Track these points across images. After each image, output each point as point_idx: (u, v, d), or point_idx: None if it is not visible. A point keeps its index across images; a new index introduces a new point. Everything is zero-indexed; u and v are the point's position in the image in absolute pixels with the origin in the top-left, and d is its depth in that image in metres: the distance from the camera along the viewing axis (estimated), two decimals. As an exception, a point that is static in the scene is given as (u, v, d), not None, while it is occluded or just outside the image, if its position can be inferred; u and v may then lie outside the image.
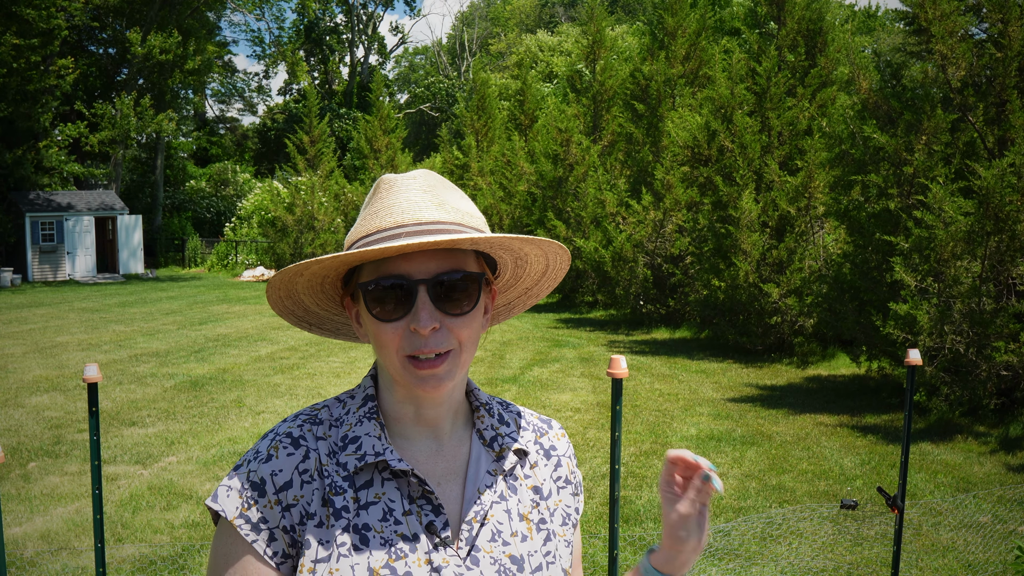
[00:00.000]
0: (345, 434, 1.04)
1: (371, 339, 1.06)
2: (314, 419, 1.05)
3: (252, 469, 1.00)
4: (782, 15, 12.62)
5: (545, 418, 1.21)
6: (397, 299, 1.00)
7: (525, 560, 1.05)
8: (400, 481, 1.02)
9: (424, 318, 0.99)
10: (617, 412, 2.89)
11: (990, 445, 7.26)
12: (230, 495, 0.99)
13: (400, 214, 1.02)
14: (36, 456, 6.82)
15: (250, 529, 0.98)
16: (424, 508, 1.02)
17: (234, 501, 0.99)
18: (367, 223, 1.04)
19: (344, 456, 1.02)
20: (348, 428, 1.04)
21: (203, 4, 34.40)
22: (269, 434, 1.04)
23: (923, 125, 8.41)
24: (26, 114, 25.05)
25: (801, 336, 11.75)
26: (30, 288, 24.18)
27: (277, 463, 1.00)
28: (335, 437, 1.04)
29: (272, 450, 1.01)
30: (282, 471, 0.99)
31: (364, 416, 1.05)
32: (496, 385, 9.80)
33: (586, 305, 17.96)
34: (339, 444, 1.03)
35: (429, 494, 1.02)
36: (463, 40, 53.97)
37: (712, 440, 7.40)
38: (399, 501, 1.02)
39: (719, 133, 12.51)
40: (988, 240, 7.69)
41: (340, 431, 1.04)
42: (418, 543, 1.00)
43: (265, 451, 1.01)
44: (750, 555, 4.78)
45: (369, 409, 1.05)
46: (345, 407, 1.07)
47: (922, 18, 8.30)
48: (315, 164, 25.09)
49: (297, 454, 1.01)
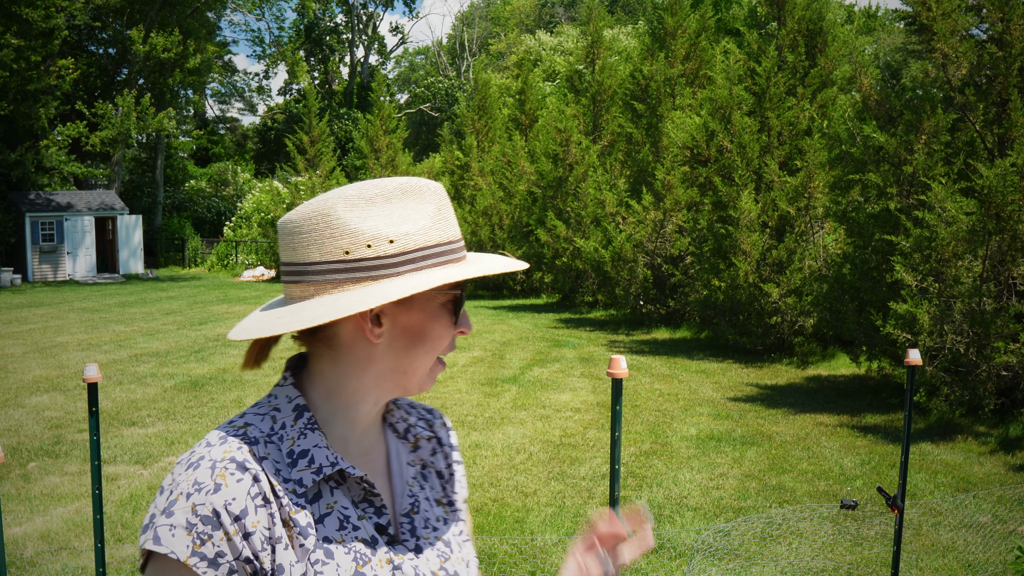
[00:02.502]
0: (291, 449, 1.00)
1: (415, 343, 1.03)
2: (247, 438, 0.98)
3: (199, 502, 0.92)
4: (782, 15, 12.62)
5: (428, 406, 1.25)
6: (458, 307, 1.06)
7: (452, 541, 1.11)
8: (345, 487, 1.03)
9: (469, 322, 1.08)
10: (617, 412, 2.89)
11: (990, 445, 7.26)
12: (175, 534, 0.91)
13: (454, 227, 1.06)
14: (36, 456, 6.82)
15: (207, 566, 0.91)
16: (368, 511, 1.03)
17: (182, 540, 0.91)
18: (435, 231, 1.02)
19: (296, 472, 0.98)
20: (291, 443, 1.00)
21: (203, 4, 34.40)
22: (202, 461, 0.95)
23: (923, 125, 8.41)
24: (26, 114, 25.06)
25: (801, 336, 11.75)
26: (30, 288, 24.17)
27: (228, 492, 0.93)
28: (276, 454, 0.99)
29: (219, 478, 0.93)
30: (235, 499, 0.93)
31: (305, 428, 1.01)
32: (496, 385, 9.80)
33: (586, 305, 17.96)
34: (286, 460, 0.99)
35: (372, 496, 1.04)
36: (463, 40, 53.97)
37: (712, 440, 7.40)
38: (351, 508, 1.02)
39: (718, 133, 12.51)
40: (989, 240, 7.68)
41: (282, 446, 0.99)
42: (377, 545, 1.02)
43: (211, 481, 0.93)
44: (750, 555, 4.78)
45: (308, 420, 1.02)
46: (276, 420, 1.02)
47: (924, 16, 8.30)
48: (315, 164, 25.09)
49: (246, 478, 0.95)
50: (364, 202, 0.99)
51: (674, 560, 4.74)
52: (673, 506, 5.68)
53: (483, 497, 5.86)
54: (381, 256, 0.98)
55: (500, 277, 21.03)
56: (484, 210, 20.66)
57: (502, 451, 7.03)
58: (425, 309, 1.02)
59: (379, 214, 0.99)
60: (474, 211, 20.94)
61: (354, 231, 0.98)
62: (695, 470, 6.51)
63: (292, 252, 1.01)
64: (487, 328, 14.96)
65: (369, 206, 0.99)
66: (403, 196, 1.01)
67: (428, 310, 1.03)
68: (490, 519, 5.42)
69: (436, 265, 1.00)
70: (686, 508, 5.64)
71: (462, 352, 12.17)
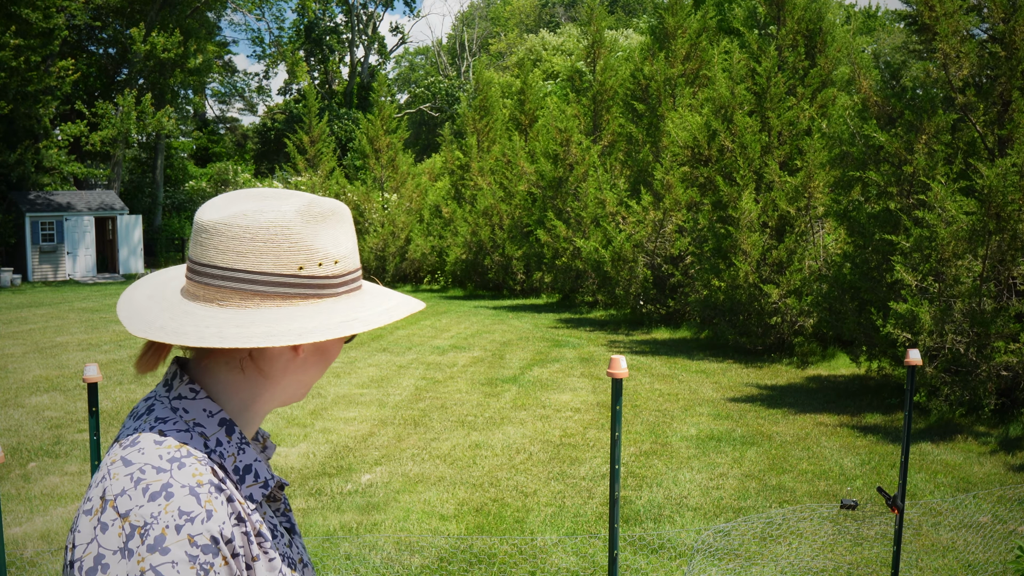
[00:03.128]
0: (235, 466, 0.99)
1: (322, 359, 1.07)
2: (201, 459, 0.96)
3: (195, 533, 0.89)
4: (782, 15, 12.62)
5: None
6: None
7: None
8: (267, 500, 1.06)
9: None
10: (617, 412, 2.89)
11: (990, 445, 7.26)
12: (180, 570, 0.87)
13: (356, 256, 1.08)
14: (36, 456, 6.82)
15: None
16: (280, 516, 1.08)
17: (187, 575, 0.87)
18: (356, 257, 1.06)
19: (246, 489, 0.99)
20: (233, 459, 0.99)
21: (203, 4, 34.40)
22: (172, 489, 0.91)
23: (924, 125, 8.40)
24: (26, 114, 25.06)
25: (801, 336, 11.75)
26: (30, 288, 24.18)
27: (219, 516, 0.91)
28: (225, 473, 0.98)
29: (208, 505, 0.91)
30: (224, 522, 0.92)
31: (241, 443, 1.01)
32: (496, 385, 9.80)
33: (586, 305, 17.96)
34: (234, 477, 0.98)
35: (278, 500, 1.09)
36: (463, 40, 53.97)
37: (712, 440, 7.40)
38: (275, 517, 1.05)
39: (719, 133, 12.51)
40: (989, 239, 7.68)
41: (226, 463, 0.98)
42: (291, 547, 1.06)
43: (201, 508, 0.90)
44: (750, 555, 4.78)
45: (240, 436, 1.01)
46: (207, 438, 0.98)
47: (925, 16, 8.30)
48: (315, 164, 25.10)
49: (223, 498, 0.93)
50: (314, 220, 1.00)
51: (674, 560, 4.74)
52: (673, 506, 5.68)
53: (483, 497, 5.85)
54: (328, 276, 1.00)
55: (500, 276, 21.08)
56: (484, 210, 20.66)
57: (502, 451, 7.03)
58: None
59: (325, 234, 1.01)
60: (474, 211, 20.94)
61: (310, 248, 0.99)
62: (695, 470, 6.51)
63: (239, 258, 0.97)
64: (487, 328, 14.96)
65: (318, 224, 1.00)
66: (336, 218, 1.03)
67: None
68: (490, 519, 5.42)
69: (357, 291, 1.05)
70: (686, 508, 5.64)
71: (462, 352, 12.17)
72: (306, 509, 5.56)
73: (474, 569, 4.58)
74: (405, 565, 4.64)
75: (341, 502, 5.72)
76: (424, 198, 24.69)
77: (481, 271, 21.39)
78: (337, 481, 6.19)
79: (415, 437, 7.48)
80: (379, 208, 24.41)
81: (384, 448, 7.11)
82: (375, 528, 5.22)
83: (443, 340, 13.43)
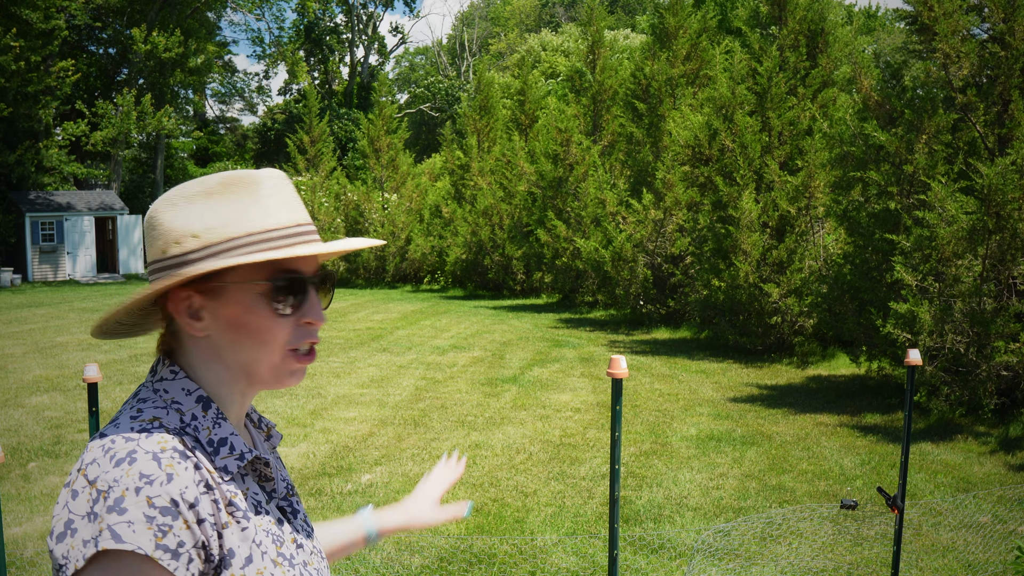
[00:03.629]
0: (209, 439, 1.01)
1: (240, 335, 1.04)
2: (170, 429, 0.99)
3: (154, 495, 0.91)
4: (783, 15, 12.62)
5: None
6: (294, 295, 1.05)
7: (308, 519, 1.19)
8: (254, 474, 1.07)
9: (319, 312, 1.07)
10: (617, 412, 2.89)
11: (990, 445, 7.26)
12: (136, 529, 0.90)
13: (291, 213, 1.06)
14: (36, 456, 6.82)
15: (171, 558, 0.91)
16: (282, 502, 1.11)
17: (144, 535, 0.90)
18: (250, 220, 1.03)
19: (220, 460, 1.01)
20: (208, 432, 1.02)
21: (203, 4, 34.41)
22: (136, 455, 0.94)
23: (924, 125, 8.40)
24: (26, 115, 25.06)
25: (801, 336, 11.74)
26: (30, 288, 24.18)
27: (181, 480, 0.93)
28: (198, 444, 1.00)
29: (169, 468, 0.93)
30: (188, 487, 0.94)
31: (217, 418, 1.03)
32: (496, 385, 9.79)
33: (586, 305, 17.96)
34: (208, 450, 1.01)
35: (267, 481, 1.09)
36: (463, 40, 53.96)
37: (712, 440, 7.40)
38: (260, 493, 1.07)
39: (720, 133, 12.51)
40: (989, 239, 7.68)
41: (200, 436, 1.01)
42: (283, 526, 1.08)
43: (161, 472, 0.93)
44: (750, 555, 4.78)
45: (216, 411, 1.04)
46: (183, 413, 1.02)
47: (925, 16, 8.30)
48: (315, 164, 25.10)
49: (190, 466, 0.95)
50: (184, 201, 1.03)
51: (674, 560, 4.73)
52: (673, 506, 5.67)
53: (483, 497, 5.85)
54: (186, 251, 1.02)
55: (500, 276, 21.03)
56: (484, 210, 20.66)
57: (502, 451, 7.03)
58: (241, 301, 1.03)
59: (194, 211, 1.03)
60: (474, 211, 20.94)
61: (168, 231, 1.03)
62: (695, 470, 6.51)
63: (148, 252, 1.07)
64: (487, 328, 14.96)
65: (188, 204, 1.03)
66: (223, 189, 1.04)
67: (244, 302, 1.03)
68: (490, 519, 5.42)
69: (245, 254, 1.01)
70: (686, 508, 5.63)
71: (462, 352, 12.17)
72: (306, 509, 5.55)
73: (474, 569, 4.58)
74: (405, 565, 4.64)
75: (341, 502, 5.71)
76: (424, 198, 24.69)
77: (481, 271, 21.39)
78: (337, 481, 6.19)
79: (415, 437, 7.48)
80: (379, 208, 24.41)
81: (384, 448, 7.11)
82: (375, 528, 5.21)
83: (443, 340, 13.43)
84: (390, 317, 16.74)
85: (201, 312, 1.04)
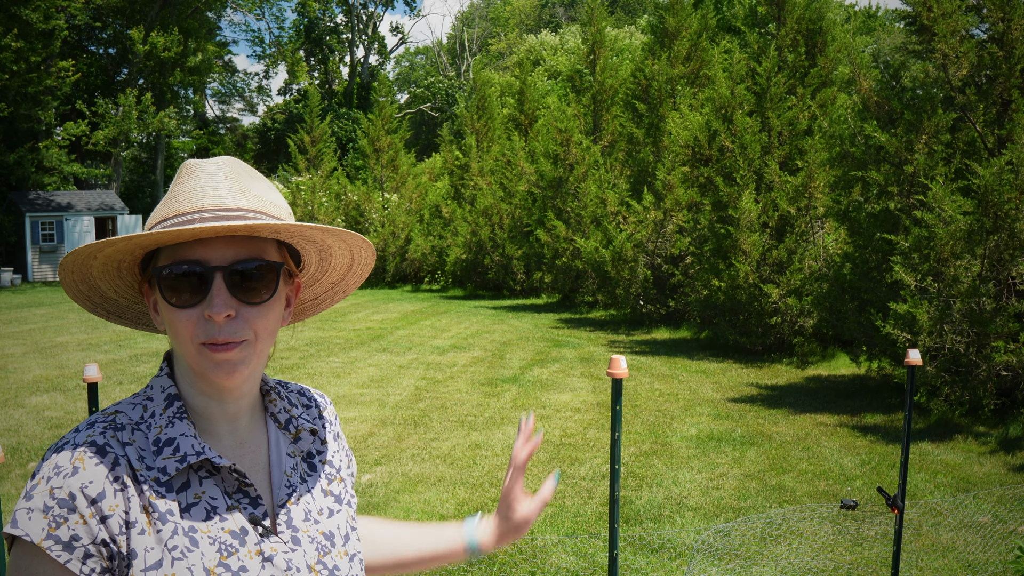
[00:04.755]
0: (157, 437, 1.00)
1: (167, 328, 1.03)
2: (114, 424, 0.99)
3: (56, 486, 0.92)
4: (782, 15, 12.62)
5: (318, 391, 1.24)
6: (192, 285, 0.99)
7: (335, 534, 1.11)
8: (217, 478, 1.03)
9: (218, 304, 0.98)
10: (617, 412, 2.89)
11: (990, 445, 7.26)
12: (32, 517, 0.92)
13: (199, 199, 1.00)
14: (36, 456, 6.82)
15: (62, 549, 0.91)
16: (243, 501, 1.03)
17: (38, 523, 0.91)
18: (166, 207, 1.02)
19: (160, 460, 0.99)
20: (159, 431, 1.01)
21: (203, 4, 34.41)
22: (65, 446, 0.96)
23: (923, 125, 8.40)
24: (26, 115, 25.07)
25: (801, 336, 11.74)
26: (30, 288, 24.18)
27: (86, 475, 0.93)
28: (142, 441, 1.00)
29: (77, 462, 0.94)
30: (92, 482, 0.93)
31: (174, 417, 1.02)
32: (496, 385, 9.80)
33: (586, 305, 17.96)
34: (152, 448, 1.00)
35: (247, 487, 1.04)
36: (463, 40, 53.96)
37: (712, 440, 7.40)
38: (220, 498, 1.02)
39: (720, 133, 12.52)
40: (987, 239, 7.69)
41: (149, 434, 1.00)
42: (247, 536, 1.02)
43: (69, 464, 0.93)
44: (750, 555, 4.78)
45: (178, 409, 1.03)
46: (147, 409, 1.03)
47: (924, 17, 8.30)
48: (316, 164, 25.11)
49: (105, 462, 0.95)
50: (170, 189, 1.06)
51: (674, 560, 4.74)
52: (673, 506, 5.68)
53: (483, 497, 5.86)
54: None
55: (500, 276, 21.03)
56: (484, 210, 20.67)
57: (502, 451, 7.03)
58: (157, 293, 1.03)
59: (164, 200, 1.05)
60: (474, 211, 20.95)
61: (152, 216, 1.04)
62: (695, 470, 6.51)
63: None
64: (487, 328, 14.96)
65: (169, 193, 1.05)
66: (175, 178, 1.06)
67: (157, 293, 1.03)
68: (490, 519, 5.42)
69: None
70: (686, 508, 5.64)
71: (462, 352, 12.18)
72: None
73: (474, 569, 4.59)
74: (405, 565, 4.64)
75: (341, 502, 5.71)
76: (424, 198, 24.70)
77: (481, 271, 21.39)
78: (337, 481, 6.19)
79: (415, 437, 7.49)
80: (379, 208, 24.42)
81: (384, 448, 7.12)
82: (375, 528, 5.22)
83: (443, 340, 13.43)
84: (390, 317, 16.75)
85: (157, 306, 1.04)
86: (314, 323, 15.55)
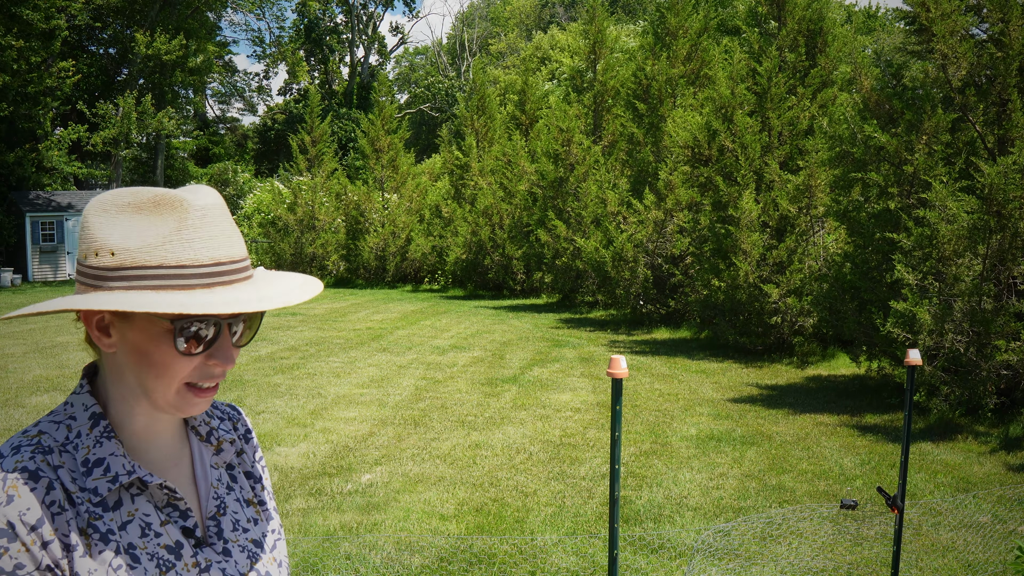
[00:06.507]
0: (86, 458, 0.99)
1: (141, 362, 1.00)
2: (41, 447, 0.98)
3: None
4: (782, 15, 12.62)
5: (230, 403, 1.25)
6: (201, 337, 0.99)
7: (263, 542, 1.13)
8: (147, 494, 1.03)
9: (231, 356, 1.01)
10: (617, 412, 2.89)
11: (990, 445, 7.26)
12: None
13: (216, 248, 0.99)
14: (36, 456, 6.82)
15: None
16: (173, 515, 1.04)
17: None
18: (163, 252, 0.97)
19: (91, 481, 0.98)
20: (87, 451, 1.00)
21: (203, 4, 34.41)
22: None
23: (924, 125, 8.40)
24: (26, 116, 25.07)
25: (801, 336, 11.74)
26: (30, 288, 24.18)
27: (22, 502, 0.93)
28: (71, 463, 0.99)
29: (11, 490, 0.93)
30: (30, 509, 0.93)
31: (101, 436, 1.01)
32: (496, 385, 9.80)
33: (586, 305, 17.96)
34: (82, 469, 0.99)
35: (176, 501, 1.04)
36: (463, 40, 53.97)
37: (712, 440, 7.40)
38: (153, 513, 1.03)
39: (720, 133, 12.52)
40: (990, 238, 7.69)
41: (77, 455, 0.99)
42: (182, 549, 1.03)
43: (3, 493, 0.93)
44: (750, 555, 4.78)
45: (104, 428, 1.02)
46: (71, 429, 1.01)
47: (923, 17, 8.30)
48: (316, 164, 25.12)
49: (40, 487, 0.94)
50: (115, 209, 0.99)
51: (674, 560, 4.74)
52: (673, 506, 5.68)
53: (483, 497, 5.86)
54: (100, 267, 0.98)
55: (500, 276, 21.04)
56: (484, 210, 20.67)
57: (502, 451, 7.03)
58: (147, 331, 1.00)
59: (119, 224, 0.98)
60: (474, 211, 20.95)
61: (92, 237, 0.99)
62: (695, 470, 6.51)
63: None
64: (487, 328, 14.97)
65: (117, 214, 0.99)
66: (152, 209, 0.99)
67: (149, 332, 0.99)
68: (490, 519, 5.42)
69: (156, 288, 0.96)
70: (686, 508, 5.64)
71: (462, 352, 12.18)
72: (306, 509, 5.56)
73: (474, 569, 4.59)
74: (405, 565, 4.64)
75: (341, 502, 5.72)
76: (424, 198, 24.70)
77: (481, 271, 21.39)
78: (337, 481, 6.19)
79: (415, 437, 7.48)
80: (379, 208, 24.43)
81: (384, 448, 7.12)
82: (375, 528, 5.23)
83: (443, 340, 13.43)
84: (390, 317, 16.75)
85: (111, 328, 1.02)
86: (314, 323, 15.56)
